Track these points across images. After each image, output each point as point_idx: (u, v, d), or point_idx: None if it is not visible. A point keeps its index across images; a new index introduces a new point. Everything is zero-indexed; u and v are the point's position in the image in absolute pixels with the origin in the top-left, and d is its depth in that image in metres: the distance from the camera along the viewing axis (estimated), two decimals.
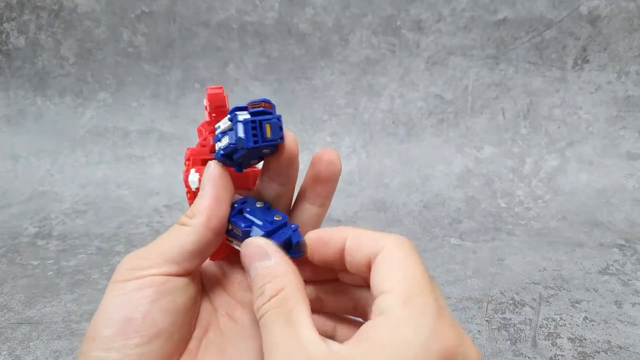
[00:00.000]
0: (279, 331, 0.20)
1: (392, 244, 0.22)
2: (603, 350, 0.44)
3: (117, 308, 0.23)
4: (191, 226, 0.25)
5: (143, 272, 0.23)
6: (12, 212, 0.78)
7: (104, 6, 0.88)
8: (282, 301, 0.21)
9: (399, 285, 0.20)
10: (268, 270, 0.23)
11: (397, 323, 0.19)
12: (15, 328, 0.49)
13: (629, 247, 0.66)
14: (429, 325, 0.19)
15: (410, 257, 0.22)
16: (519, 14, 0.83)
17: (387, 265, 0.21)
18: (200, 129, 0.30)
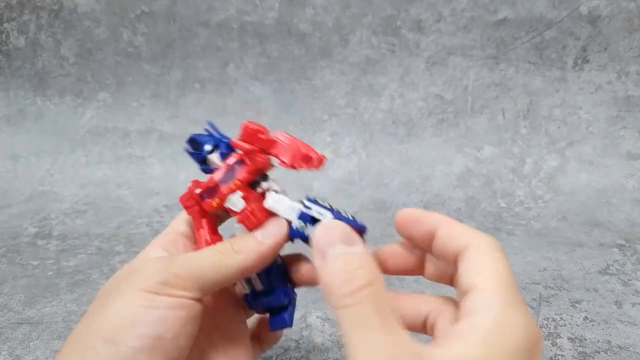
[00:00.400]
0: (377, 327, 0.19)
1: (483, 241, 0.23)
2: (603, 350, 0.44)
3: (151, 323, 0.22)
4: (235, 264, 0.25)
5: (176, 291, 0.23)
6: (12, 212, 0.78)
7: (104, 6, 0.88)
8: (376, 294, 0.20)
9: (494, 284, 0.21)
10: (357, 256, 0.21)
11: (497, 323, 0.19)
12: (15, 328, 0.49)
13: (629, 247, 0.66)
14: (523, 324, 0.20)
15: (500, 258, 0.22)
16: (519, 14, 0.83)
17: (479, 261, 0.22)
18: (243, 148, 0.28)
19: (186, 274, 0.24)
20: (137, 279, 0.23)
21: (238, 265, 0.25)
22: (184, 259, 0.25)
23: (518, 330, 0.19)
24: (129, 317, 0.22)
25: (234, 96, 0.90)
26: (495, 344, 0.19)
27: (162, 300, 0.23)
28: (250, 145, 0.28)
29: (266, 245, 0.26)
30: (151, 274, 0.23)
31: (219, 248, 0.26)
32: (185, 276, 0.24)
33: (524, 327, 0.19)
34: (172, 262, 0.24)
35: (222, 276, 0.24)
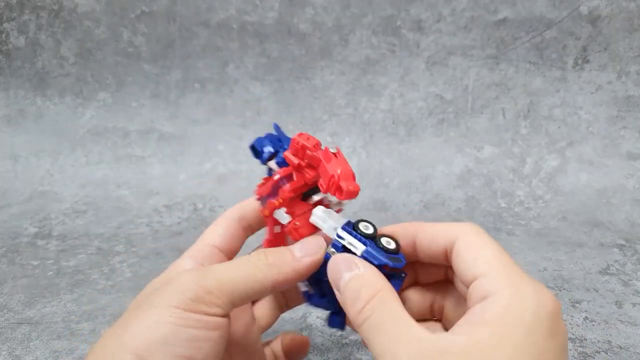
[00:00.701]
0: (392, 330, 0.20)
1: (467, 230, 0.23)
2: (603, 351, 0.44)
3: (183, 343, 0.21)
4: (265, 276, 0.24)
5: (209, 309, 0.22)
6: (12, 212, 0.78)
7: (104, 6, 0.88)
8: (382, 302, 0.21)
9: (494, 266, 0.21)
10: (360, 277, 0.23)
11: (507, 302, 0.20)
12: (15, 328, 0.49)
13: (630, 247, 0.66)
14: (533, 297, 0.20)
15: (489, 241, 0.23)
16: (519, 14, 0.83)
17: (471, 250, 0.23)
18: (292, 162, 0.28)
19: (217, 289, 0.23)
20: (169, 294, 0.22)
21: (272, 280, 0.24)
22: (215, 272, 0.24)
23: (529, 304, 0.20)
24: (161, 334, 0.21)
25: (234, 96, 0.90)
26: (510, 324, 0.19)
27: (194, 318, 0.22)
28: (298, 159, 0.28)
29: (303, 263, 0.25)
30: (182, 289, 0.22)
31: (253, 259, 0.25)
32: (217, 291, 0.23)
33: (534, 300, 0.20)
34: (203, 276, 0.23)
35: (253, 291, 0.24)
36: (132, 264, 0.62)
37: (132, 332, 0.21)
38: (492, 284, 0.21)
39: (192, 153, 0.89)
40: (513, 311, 0.20)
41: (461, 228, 0.24)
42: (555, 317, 0.20)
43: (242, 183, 0.84)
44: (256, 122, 0.89)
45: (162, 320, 0.21)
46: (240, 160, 0.87)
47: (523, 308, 0.20)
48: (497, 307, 0.20)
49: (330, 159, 0.27)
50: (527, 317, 0.19)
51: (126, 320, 0.23)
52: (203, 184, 0.84)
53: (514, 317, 0.19)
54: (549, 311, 0.20)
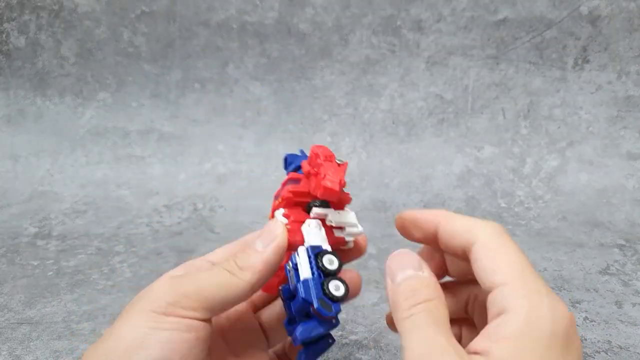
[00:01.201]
0: (432, 334, 0.21)
1: (487, 232, 0.23)
2: (603, 351, 0.44)
3: (159, 344, 0.22)
4: (241, 281, 0.24)
5: (185, 312, 0.23)
6: (12, 212, 0.78)
7: (104, 6, 0.88)
8: (434, 308, 0.22)
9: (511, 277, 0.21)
10: (422, 278, 0.23)
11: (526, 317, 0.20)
12: (15, 328, 0.49)
13: (630, 247, 0.66)
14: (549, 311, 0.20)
15: (508, 245, 0.23)
16: (519, 14, 0.83)
17: (489, 256, 0.22)
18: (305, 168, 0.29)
19: (194, 294, 0.23)
20: (147, 299, 0.23)
21: (245, 283, 0.24)
22: (192, 278, 0.24)
23: (546, 320, 0.20)
24: (138, 338, 0.22)
25: (234, 96, 0.90)
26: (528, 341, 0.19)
27: (169, 321, 0.22)
28: (310, 167, 0.28)
29: (267, 252, 0.25)
30: (160, 294, 0.23)
31: (226, 265, 0.25)
32: (194, 295, 0.23)
33: (551, 315, 0.20)
34: (181, 281, 0.24)
35: (229, 295, 0.24)
36: (132, 264, 0.62)
37: (114, 338, 0.22)
38: (509, 298, 0.21)
39: (192, 153, 0.89)
40: (530, 328, 0.20)
41: (481, 229, 0.23)
42: (570, 331, 0.20)
43: (242, 183, 0.84)
44: (256, 122, 0.89)
45: (139, 324, 0.22)
46: (240, 160, 0.87)
47: (540, 324, 0.20)
48: (514, 323, 0.20)
49: (330, 165, 0.27)
50: (544, 333, 0.20)
51: (109, 329, 0.24)
52: (203, 184, 0.84)
53: (531, 333, 0.19)
54: (566, 325, 0.20)
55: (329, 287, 0.24)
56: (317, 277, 0.25)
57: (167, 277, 0.25)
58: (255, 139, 0.89)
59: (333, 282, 0.25)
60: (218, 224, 0.74)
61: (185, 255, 0.65)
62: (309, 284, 0.24)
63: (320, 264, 0.25)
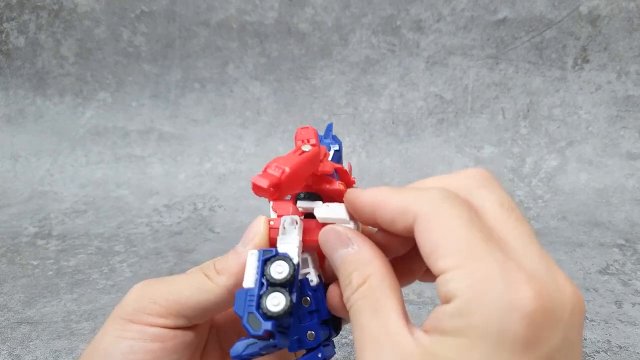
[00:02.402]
0: (367, 323, 0.19)
1: (425, 207, 0.19)
2: (603, 351, 0.44)
3: (120, 355, 0.21)
4: (216, 285, 0.22)
5: (152, 319, 0.21)
6: (12, 212, 0.78)
7: (104, 6, 0.88)
8: (369, 290, 0.19)
9: (455, 260, 0.17)
10: (353, 257, 0.21)
11: (469, 309, 0.16)
12: (15, 328, 0.49)
13: (630, 247, 0.66)
14: (501, 299, 0.16)
15: (452, 216, 0.18)
16: (519, 14, 0.83)
17: (429, 236, 0.18)
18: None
19: (163, 298, 0.21)
20: (121, 305, 0.22)
21: (223, 286, 0.22)
22: (165, 283, 0.22)
23: (495, 311, 0.16)
24: (103, 347, 0.21)
25: (234, 96, 0.90)
26: (473, 337, 0.16)
27: (133, 330, 0.21)
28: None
29: (245, 256, 0.23)
30: (129, 300, 0.22)
31: (205, 269, 0.23)
32: (163, 301, 0.21)
33: (503, 304, 0.16)
34: (152, 287, 0.22)
35: (205, 300, 0.22)
36: (132, 264, 0.62)
37: (90, 347, 0.21)
38: (453, 285, 0.17)
39: (192, 153, 0.89)
40: (476, 321, 0.16)
41: (419, 204, 0.19)
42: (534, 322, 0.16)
43: (242, 183, 0.84)
44: (256, 122, 0.89)
45: (107, 333, 0.21)
46: (240, 160, 0.87)
47: (487, 316, 0.16)
48: (459, 316, 0.16)
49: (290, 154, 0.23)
50: (492, 330, 0.16)
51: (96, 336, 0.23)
52: (203, 184, 0.84)
53: (476, 329, 0.16)
54: (524, 316, 0.16)
55: (267, 301, 0.21)
56: (259, 287, 0.21)
57: (144, 282, 0.23)
58: (255, 139, 0.89)
59: (274, 295, 0.21)
60: (218, 224, 0.74)
61: (185, 255, 0.65)
62: (240, 297, 0.21)
63: (266, 273, 0.22)
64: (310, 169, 0.23)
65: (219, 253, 0.24)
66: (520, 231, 0.18)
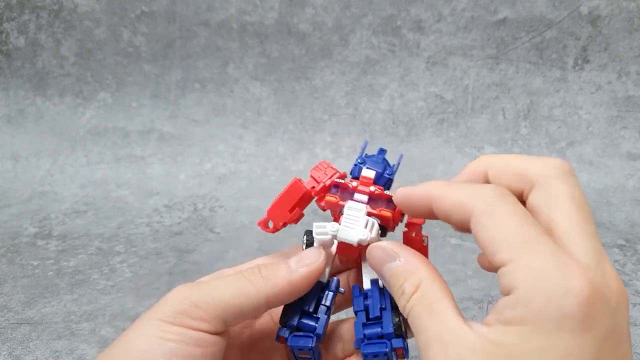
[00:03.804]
0: (427, 324, 0.20)
1: (479, 204, 0.20)
2: None
3: (160, 356, 0.21)
4: (257, 290, 0.23)
5: (194, 322, 0.21)
6: (12, 212, 0.78)
7: (104, 6, 0.88)
8: (422, 296, 0.21)
9: (512, 253, 0.19)
10: (401, 269, 0.22)
11: (528, 298, 0.18)
12: (15, 328, 0.49)
13: (630, 247, 0.66)
14: (555, 289, 0.17)
15: (506, 211, 0.19)
16: (519, 14, 0.83)
17: (486, 232, 0.20)
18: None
19: (205, 302, 0.22)
20: (158, 306, 0.22)
21: (265, 294, 0.23)
22: (206, 286, 0.23)
23: (552, 301, 0.17)
24: (141, 347, 0.21)
25: (234, 96, 0.90)
26: (533, 324, 0.17)
27: (175, 332, 0.21)
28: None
29: (298, 274, 0.24)
30: (170, 302, 0.22)
31: (246, 274, 0.23)
32: (205, 305, 0.22)
33: (558, 294, 0.17)
34: (194, 289, 0.23)
35: (246, 305, 0.22)
36: (132, 264, 0.62)
37: (120, 348, 0.21)
38: (510, 278, 0.18)
39: (192, 153, 0.89)
40: (535, 308, 0.17)
41: (473, 199, 0.20)
42: (588, 306, 0.17)
43: (242, 183, 0.84)
44: (256, 122, 0.89)
45: (145, 333, 0.21)
46: (240, 160, 0.87)
47: (545, 303, 0.17)
48: (520, 305, 0.18)
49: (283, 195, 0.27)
50: (551, 315, 0.17)
51: (124, 333, 0.23)
52: (203, 184, 0.84)
53: (536, 315, 0.17)
54: (579, 301, 0.17)
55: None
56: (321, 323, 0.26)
57: (183, 285, 0.23)
58: (255, 139, 0.89)
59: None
60: (218, 224, 0.74)
61: (185, 255, 0.65)
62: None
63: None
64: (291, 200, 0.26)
65: (219, 253, 0.24)
66: (583, 226, 0.19)
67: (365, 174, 0.28)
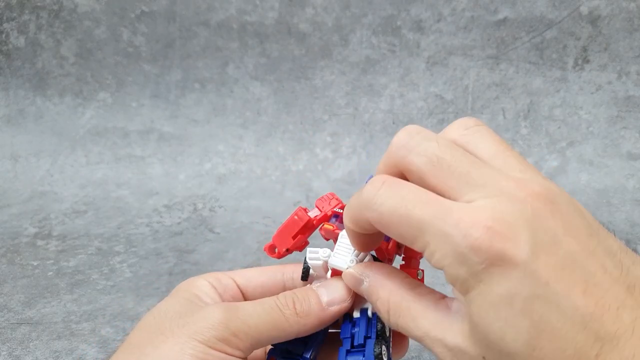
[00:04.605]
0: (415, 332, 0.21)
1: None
2: None
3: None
4: (291, 328, 0.24)
5: (231, 350, 0.23)
6: (12, 212, 0.78)
7: (104, 6, 0.88)
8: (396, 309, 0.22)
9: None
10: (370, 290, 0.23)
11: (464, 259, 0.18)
12: (15, 328, 0.49)
13: (630, 247, 0.66)
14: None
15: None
16: (520, 14, 0.83)
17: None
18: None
19: (243, 333, 0.23)
20: (195, 327, 0.23)
21: (297, 330, 0.24)
22: (243, 315, 0.24)
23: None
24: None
25: (234, 96, 0.90)
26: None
27: (213, 355, 0.22)
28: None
29: (329, 313, 0.25)
30: (209, 326, 0.23)
31: (280, 305, 0.24)
32: (242, 335, 0.23)
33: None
34: (232, 316, 0.23)
35: (276, 338, 0.24)
36: (132, 264, 0.62)
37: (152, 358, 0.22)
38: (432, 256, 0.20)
39: (192, 153, 0.89)
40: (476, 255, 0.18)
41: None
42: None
43: (242, 183, 0.84)
44: (256, 122, 0.89)
45: (185, 352, 0.22)
46: (240, 160, 0.87)
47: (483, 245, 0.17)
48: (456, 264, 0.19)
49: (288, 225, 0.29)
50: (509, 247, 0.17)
51: (145, 343, 0.23)
52: (203, 184, 0.84)
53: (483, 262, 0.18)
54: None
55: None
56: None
57: (221, 309, 0.24)
58: (255, 139, 0.89)
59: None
60: (218, 224, 0.74)
61: (185, 255, 0.65)
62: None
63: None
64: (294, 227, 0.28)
65: (219, 253, 0.24)
66: (509, 154, 0.22)
67: None
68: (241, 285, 0.27)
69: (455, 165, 0.20)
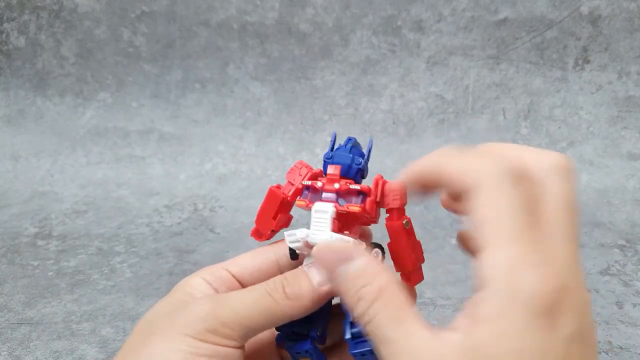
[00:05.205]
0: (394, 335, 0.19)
1: (484, 180, 0.19)
2: (604, 351, 0.44)
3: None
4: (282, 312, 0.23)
5: (221, 340, 0.22)
6: (12, 212, 0.78)
7: (104, 6, 0.88)
8: (386, 303, 0.20)
9: (496, 238, 0.18)
10: (359, 272, 0.21)
11: (501, 295, 0.17)
12: (15, 328, 0.49)
13: (630, 247, 0.66)
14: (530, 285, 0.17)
15: (508, 192, 0.18)
16: (520, 14, 0.83)
17: (480, 208, 0.19)
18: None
19: (233, 321, 0.22)
20: (183, 321, 0.22)
21: (290, 314, 0.23)
22: (231, 304, 0.23)
23: (525, 297, 0.17)
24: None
25: (234, 96, 0.90)
26: (505, 324, 0.17)
27: (207, 348, 0.22)
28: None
29: (321, 292, 0.23)
30: (197, 318, 0.22)
31: (270, 289, 0.23)
32: (232, 324, 0.22)
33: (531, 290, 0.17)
34: (220, 306, 0.23)
35: (269, 323, 0.23)
36: (132, 264, 0.62)
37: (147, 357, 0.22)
38: (488, 267, 0.18)
39: (192, 153, 0.89)
40: (507, 308, 0.17)
41: (478, 173, 0.19)
42: (555, 307, 0.17)
43: (242, 183, 0.84)
44: (256, 122, 0.89)
45: (175, 348, 0.22)
46: (240, 160, 0.87)
47: (516, 301, 0.17)
48: (490, 303, 0.17)
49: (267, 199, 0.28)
50: (519, 313, 0.17)
51: (135, 344, 0.23)
52: (203, 184, 0.84)
53: (507, 316, 0.17)
54: (547, 302, 0.17)
55: None
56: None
57: (209, 300, 0.24)
58: (256, 139, 0.89)
59: None
60: (218, 224, 0.74)
61: (185, 255, 0.65)
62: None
63: None
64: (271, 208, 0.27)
65: (219, 253, 0.24)
66: (566, 230, 0.19)
67: (330, 171, 0.27)
68: (236, 274, 0.27)
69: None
